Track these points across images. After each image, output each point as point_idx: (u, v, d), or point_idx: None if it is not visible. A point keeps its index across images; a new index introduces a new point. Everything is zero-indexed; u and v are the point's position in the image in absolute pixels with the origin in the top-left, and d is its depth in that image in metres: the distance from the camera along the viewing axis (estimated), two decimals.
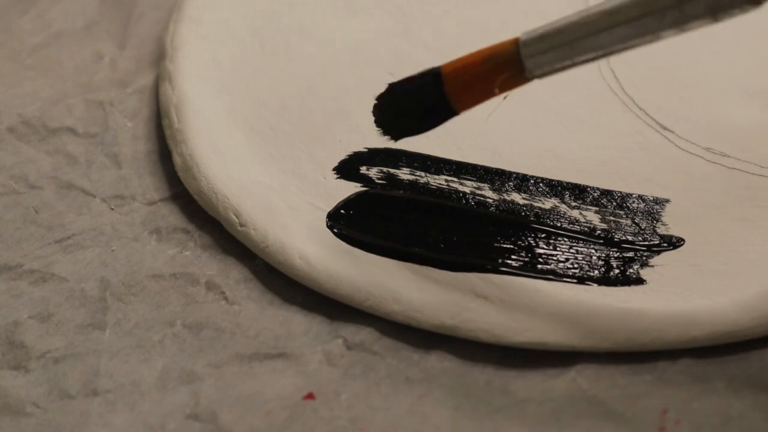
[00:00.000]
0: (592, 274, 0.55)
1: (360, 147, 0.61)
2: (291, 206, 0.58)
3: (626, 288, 0.55)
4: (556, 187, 0.59)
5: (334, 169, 0.60)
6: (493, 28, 0.67)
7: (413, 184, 0.59)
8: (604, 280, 0.55)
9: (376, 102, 0.57)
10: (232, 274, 0.57)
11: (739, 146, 0.60)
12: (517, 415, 0.51)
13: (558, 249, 0.56)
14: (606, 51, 0.51)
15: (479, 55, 0.54)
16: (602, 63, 0.65)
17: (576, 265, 0.56)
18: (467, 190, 0.59)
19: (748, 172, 0.59)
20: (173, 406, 0.52)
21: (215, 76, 0.64)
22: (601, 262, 0.56)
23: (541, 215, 0.58)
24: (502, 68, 0.53)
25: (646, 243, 0.56)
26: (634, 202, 0.58)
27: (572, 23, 0.51)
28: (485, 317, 0.53)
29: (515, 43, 0.53)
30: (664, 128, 0.61)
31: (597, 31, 0.51)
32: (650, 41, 0.50)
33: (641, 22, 0.50)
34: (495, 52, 0.53)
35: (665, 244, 0.56)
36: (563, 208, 0.58)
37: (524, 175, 0.59)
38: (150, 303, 0.56)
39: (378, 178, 0.59)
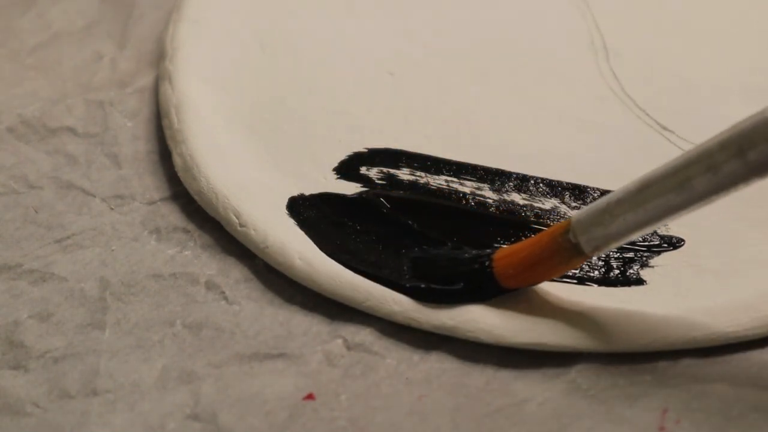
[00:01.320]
0: (592, 274, 0.55)
1: (360, 147, 0.61)
2: None
3: (626, 288, 0.55)
4: (556, 188, 0.59)
5: (334, 169, 0.60)
6: (493, 28, 0.67)
7: (413, 185, 0.59)
8: (604, 281, 0.55)
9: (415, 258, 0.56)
10: (232, 274, 0.57)
11: None
12: (517, 415, 0.51)
13: None
14: (661, 220, 0.50)
15: (534, 244, 0.53)
16: (602, 63, 0.65)
17: None
18: (467, 190, 0.59)
19: None
20: (173, 406, 0.52)
21: (215, 76, 0.64)
22: (601, 263, 0.56)
23: (541, 215, 0.58)
24: (557, 252, 0.52)
25: (646, 243, 0.56)
26: None
27: (617, 199, 0.50)
28: (485, 317, 0.53)
29: (567, 225, 0.51)
30: (664, 128, 0.61)
31: (640, 204, 0.50)
32: (703, 204, 0.49)
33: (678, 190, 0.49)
34: (549, 237, 0.52)
35: (665, 244, 0.56)
36: (563, 208, 0.58)
37: (524, 175, 0.59)
38: (150, 303, 0.56)
39: (378, 179, 0.59)
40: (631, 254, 0.56)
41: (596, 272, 0.55)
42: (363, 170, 0.60)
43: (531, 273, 0.53)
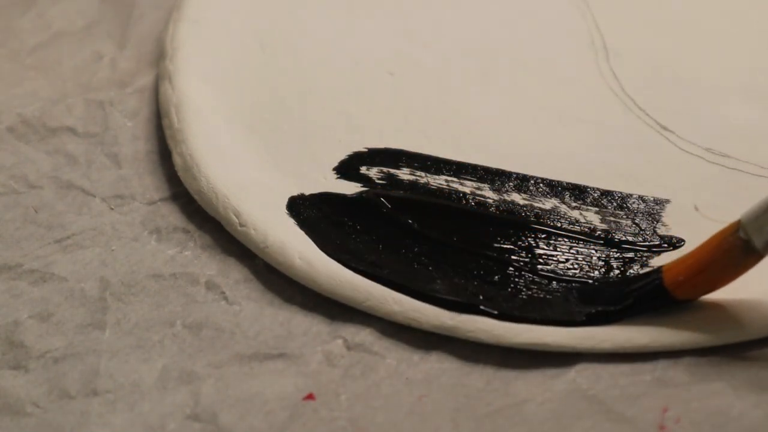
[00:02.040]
0: (592, 274, 0.55)
1: (360, 147, 0.61)
2: None
3: None
4: (556, 188, 0.59)
5: (334, 169, 0.60)
6: (493, 28, 0.67)
7: (413, 185, 0.59)
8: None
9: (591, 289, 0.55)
10: (232, 274, 0.57)
11: (740, 147, 0.60)
12: (517, 416, 0.51)
13: (558, 249, 0.56)
14: None
15: (704, 247, 0.51)
16: (602, 63, 0.65)
17: (576, 266, 0.56)
18: (467, 190, 0.59)
19: (749, 173, 0.59)
20: (173, 406, 0.52)
21: (215, 76, 0.64)
22: (601, 263, 0.56)
23: (541, 215, 0.58)
24: (728, 253, 0.50)
25: (647, 243, 0.56)
26: (634, 202, 0.58)
27: None
28: (485, 317, 0.53)
29: (737, 224, 0.50)
30: (664, 128, 0.61)
31: None
32: None
33: None
34: (718, 238, 0.51)
35: (665, 245, 0.56)
36: (563, 208, 0.58)
37: (524, 175, 0.59)
38: (150, 303, 0.56)
39: (378, 179, 0.59)
40: (631, 254, 0.56)
41: (596, 272, 0.55)
42: (363, 170, 0.60)
43: (702, 278, 0.52)
